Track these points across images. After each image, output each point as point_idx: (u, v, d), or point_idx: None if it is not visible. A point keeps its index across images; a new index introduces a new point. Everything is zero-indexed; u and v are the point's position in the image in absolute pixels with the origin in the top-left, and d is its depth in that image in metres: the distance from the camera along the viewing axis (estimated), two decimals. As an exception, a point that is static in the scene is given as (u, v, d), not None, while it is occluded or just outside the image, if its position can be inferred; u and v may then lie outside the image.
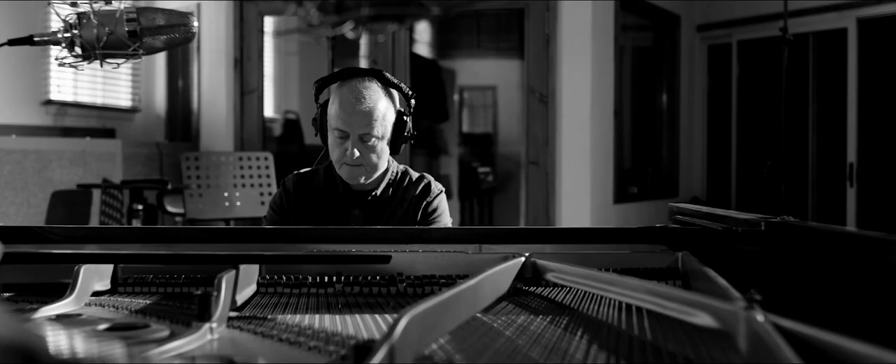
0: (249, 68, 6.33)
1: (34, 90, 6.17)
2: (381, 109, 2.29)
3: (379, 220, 2.40)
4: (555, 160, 5.82)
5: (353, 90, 2.28)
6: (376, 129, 2.28)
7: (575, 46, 5.78)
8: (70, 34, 1.31)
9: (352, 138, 2.28)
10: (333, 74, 2.38)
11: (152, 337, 1.11)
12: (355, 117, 2.26)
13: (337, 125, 2.30)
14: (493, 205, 8.65)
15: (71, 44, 1.33)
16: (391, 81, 2.36)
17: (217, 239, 1.83)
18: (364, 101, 2.26)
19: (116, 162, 5.35)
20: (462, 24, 8.64)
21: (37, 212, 4.77)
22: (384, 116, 2.30)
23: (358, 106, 2.26)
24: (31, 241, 1.84)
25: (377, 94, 2.30)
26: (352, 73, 2.34)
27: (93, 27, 1.30)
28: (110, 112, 6.95)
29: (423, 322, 0.96)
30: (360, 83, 2.30)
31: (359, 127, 2.27)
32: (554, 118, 5.81)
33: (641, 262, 1.65)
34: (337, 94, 2.32)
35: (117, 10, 1.32)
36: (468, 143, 9.41)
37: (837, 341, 0.79)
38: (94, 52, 1.32)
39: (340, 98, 2.29)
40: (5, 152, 4.60)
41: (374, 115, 2.27)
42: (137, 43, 1.34)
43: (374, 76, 2.34)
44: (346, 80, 2.33)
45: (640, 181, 7.04)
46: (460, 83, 9.32)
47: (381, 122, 2.29)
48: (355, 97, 2.27)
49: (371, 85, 2.30)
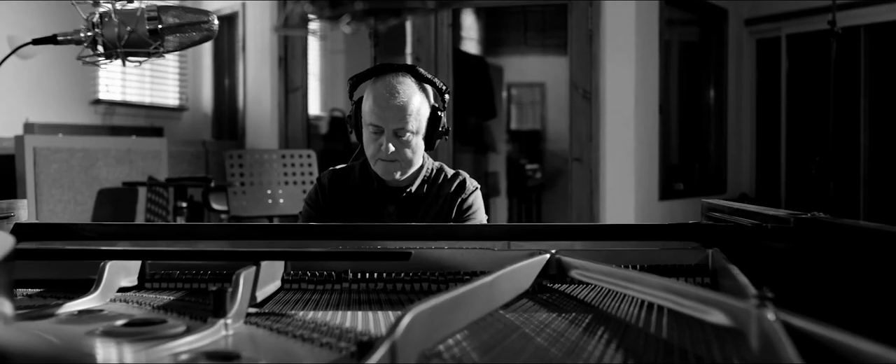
0: (293, 67, 6.37)
1: (83, 90, 6.29)
2: (416, 104, 2.28)
3: (413, 217, 2.40)
4: (599, 157, 5.78)
5: (388, 85, 2.28)
6: (411, 123, 2.28)
7: (618, 42, 5.72)
8: (92, 33, 1.32)
9: (386, 133, 2.28)
10: (367, 71, 2.38)
11: (167, 332, 1.11)
12: (389, 112, 2.26)
13: (371, 120, 2.30)
14: (541, 202, 8.62)
15: (93, 42, 1.34)
16: (425, 77, 2.35)
17: (243, 236, 1.85)
18: (398, 96, 2.26)
19: (162, 160, 5.42)
20: (509, 20, 8.61)
21: (83, 209, 4.86)
22: (418, 111, 2.29)
23: (392, 101, 2.25)
24: (65, 238, 1.87)
25: (411, 89, 2.29)
26: (386, 69, 2.34)
27: (114, 26, 1.32)
28: (158, 111, 7.05)
29: (430, 319, 0.95)
30: (394, 78, 2.29)
31: (393, 122, 2.27)
32: (598, 114, 5.76)
33: (671, 258, 1.62)
34: (371, 89, 2.32)
35: (138, 9, 1.33)
36: (516, 140, 9.38)
37: (849, 341, 0.76)
38: (115, 50, 1.33)
39: (375, 93, 2.29)
40: (52, 151, 4.69)
41: (408, 110, 2.27)
42: (159, 41, 1.35)
43: (408, 71, 2.33)
44: (381, 76, 2.33)
45: (687, 177, 6.96)
46: (508, 80, 9.30)
47: (415, 116, 2.29)
48: (389, 92, 2.26)
49: (405, 80, 2.30)
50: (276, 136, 6.45)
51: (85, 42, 1.35)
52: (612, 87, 5.75)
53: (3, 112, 5.55)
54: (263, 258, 1.38)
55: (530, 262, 1.42)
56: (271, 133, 6.48)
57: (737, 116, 7.38)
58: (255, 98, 6.66)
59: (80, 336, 1.11)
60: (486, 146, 7.71)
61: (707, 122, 7.31)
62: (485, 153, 7.65)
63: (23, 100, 5.72)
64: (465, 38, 8.00)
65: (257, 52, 6.59)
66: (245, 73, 6.74)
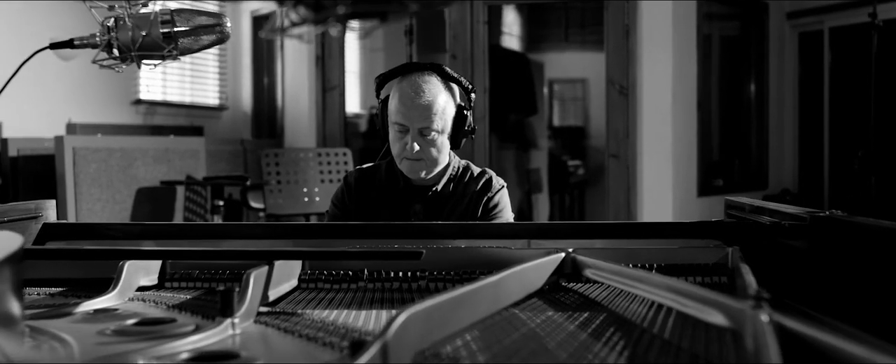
0: (331, 65, 6.41)
1: (124, 91, 6.38)
2: (441, 103, 2.28)
3: (439, 216, 2.39)
4: (636, 153, 5.74)
5: (413, 84, 2.28)
6: (436, 122, 2.28)
7: (655, 38, 5.67)
8: (107, 37, 1.35)
9: (411, 132, 2.28)
10: (394, 69, 2.38)
11: (176, 332, 1.13)
12: (414, 111, 2.26)
13: (397, 119, 2.30)
14: (584, 198, 8.57)
15: (108, 46, 1.36)
16: (451, 75, 2.34)
17: (265, 235, 1.86)
18: (423, 95, 2.26)
19: (200, 159, 5.49)
20: (550, 17, 8.59)
21: (122, 208, 4.93)
22: (444, 110, 2.29)
23: (417, 100, 2.26)
24: (91, 237, 1.90)
25: (437, 87, 2.29)
26: (411, 68, 2.34)
27: (128, 30, 1.34)
28: (198, 110, 7.14)
29: (427, 319, 0.95)
30: (420, 77, 2.29)
31: (418, 121, 2.27)
32: (635, 111, 5.72)
33: (690, 257, 1.61)
34: (397, 88, 2.33)
35: (152, 13, 1.35)
36: (558, 137, 9.34)
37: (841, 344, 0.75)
38: (129, 53, 1.35)
39: (400, 92, 2.30)
40: (91, 151, 4.77)
41: (433, 109, 2.26)
42: (172, 45, 1.37)
43: (433, 70, 2.33)
44: (406, 75, 2.33)
45: (727, 174, 6.88)
46: (550, 76, 9.26)
47: (440, 115, 2.28)
48: (415, 91, 2.27)
49: (430, 79, 2.30)
50: (314, 134, 6.49)
51: (100, 46, 1.37)
52: (649, 82, 5.70)
53: (47, 113, 5.66)
54: (276, 257, 1.39)
55: (543, 262, 1.42)
56: (309, 131, 6.53)
57: (779, 111, 7.27)
58: (293, 97, 6.71)
59: (90, 335, 1.13)
60: (527, 143, 7.68)
61: (748, 117, 7.22)
62: (526, 150, 7.62)
63: (65, 100, 5.82)
64: (507, 35, 7.98)
65: (295, 51, 6.64)
66: (283, 72, 6.79)
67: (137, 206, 4.96)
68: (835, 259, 1.33)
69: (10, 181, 4.76)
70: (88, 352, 1.04)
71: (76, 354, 1.04)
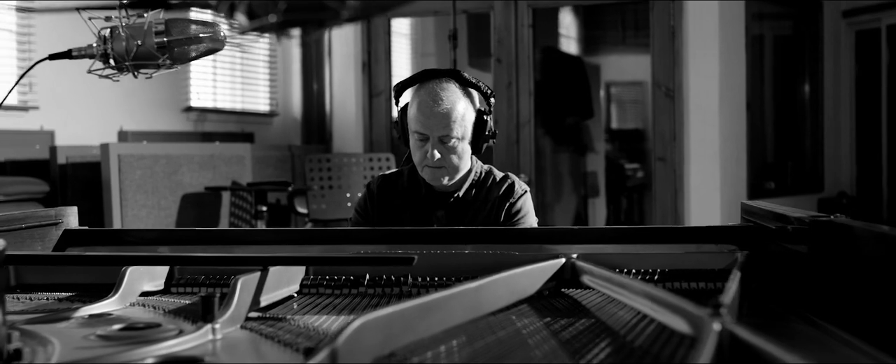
0: (377, 71, 6.45)
1: (175, 98, 6.50)
2: (460, 110, 2.28)
3: (462, 222, 2.39)
4: (683, 156, 5.66)
5: (431, 92, 2.28)
6: (455, 130, 2.27)
7: (702, 38, 5.60)
8: (103, 47, 1.38)
9: (432, 140, 2.28)
10: (411, 77, 2.39)
11: (157, 336, 1.14)
12: (433, 119, 2.26)
13: (416, 128, 2.30)
14: (643, 202, 8.49)
15: (105, 56, 1.39)
16: (469, 81, 2.34)
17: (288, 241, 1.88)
18: (442, 103, 2.26)
19: (246, 165, 5.56)
20: (607, 19, 8.54)
21: (167, 214, 5.03)
22: (463, 117, 2.29)
23: (436, 108, 2.25)
24: (111, 243, 1.95)
25: (455, 94, 2.28)
26: (429, 75, 2.35)
27: (122, 40, 1.37)
28: (249, 117, 7.24)
29: (387, 325, 0.96)
30: (438, 85, 2.29)
31: (437, 129, 2.27)
32: (681, 113, 5.65)
33: (696, 262, 1.59)
34: (415, 96, 2.33)
35: (146, 23, 1.37)
36: (617, 140, 9.27)
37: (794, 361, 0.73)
38: (124, 63, 1.38)
39: (419, 100, 2.30)
40: (136, 157, 4.87)
41: (452, 117, 2.26)
42: (166, 54, 1.39)
43: (451, 77, 2.33)
44: (424, 83, 2.33)
45: (780, 176, 6.75)
46: (607, 79, 9.20)
47: (459, 122, 2.28)
48: (433, 99, 2.26)
49: (448, 86, 2.29)
50: (361, 139, 6.53)
51: (97, 56, 1.40)
52: (695, 84, 5.62)
53: (99, 121, 5.79)
54: (270, 263, 1.40)
55: (537, 267, 1.40)
56: (356, 137, 6.58)
57: (834, 112, 7.12)
58: (340, 103, 6.77)
59: (76, 339, 1.16)
60: (583, 146, 7.64)
61: (802, 118, 7.08)
62: (583, 153, 7.58)
63: (117, 109, 5.95)
64: (564, 37, 7.96)
65: (342, 56, 6.70)
66: (331, 78, 6.85)
67: (182, 211, 5.05)
68: (834, 264, 1.30)
69: (59, 188, 4.89)
70: (67, 355, 1.07)
71: (55, 357, 1.06)
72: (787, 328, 1.26)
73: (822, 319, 1.25)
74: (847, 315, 1.23)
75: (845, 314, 1.24)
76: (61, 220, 1.91)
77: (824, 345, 1.17)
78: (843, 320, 1.22)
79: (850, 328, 1.17)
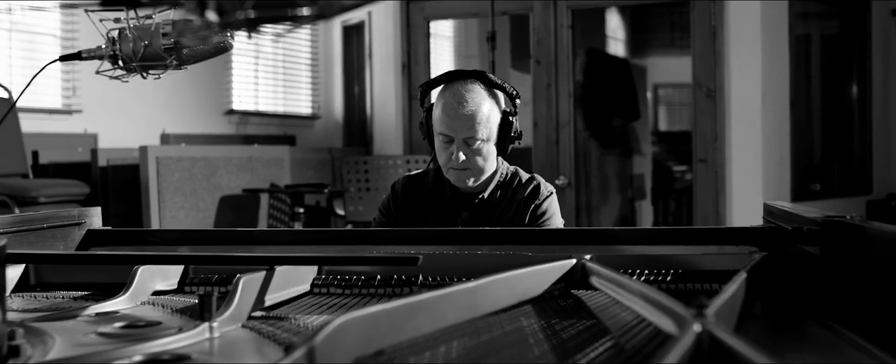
0: (416, 73, 6.45)
1: (218, 101, 6.58)
2: (485, 112, 2.27)
3: (487, 223, 2.38)
4: (724, 157, 5.58)
5: (456, 94, 2.27)
6: (480, 132, 2.27)
7: (743, 38, 5.52)
8: (112, 49, 1.39)
9: (456, 142, 2.28)
10: (437, 78, 2.39)
11: (156, 334, 1.15)
12: (458, 121, 2.26)
13: (441, 129, 2.30)
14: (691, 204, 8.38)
15: (113, 57, 1.41)
16: (495, 82, 2.33)
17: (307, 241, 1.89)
18: (466, 105, 2.25)
19: (284, 167, 5.61)
20: (654, 21, 8.47)
21: (205, 216, 5.08)
22: (488, 119, 2.28)
23: (461, 110, 2.25)
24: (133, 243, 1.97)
25: (480, 96, 2.28)
26: (455, 76, 2.34)
27: (130, 41, 1.38)
28: (291, 119, 7.29)
29: (372, 325, 0.95)
30: (463, 86, 2.29)
31: (462, 131, 2.26)
32: (722, 113, 5.57)
33: (714, 264, 1.57)
34: (441, 97, 2.33)
35: (153, 24, 1.39)
36: (665, 142, 9.19)
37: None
38: (131, 64, 1.40)
39: (443, 102, 2.30)
40: (174, 160, 4.94)
41: (477, 119, 2.26)
42: (173, 55, 1.40)
43: (477, 78, 2.32)
44: (449, 84, 2.33)
45: (827, 178, 6.62)
46: (655, 80, 9.13)
47: (484, 125, 2.27)
48: (458, 101, 2.26)
49: (473, 87, 2.29)
50: (401, 142, 6.55)
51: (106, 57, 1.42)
52: (737, 84, 5.54)
53: (143, 123, 5.89)
54: (276, 263, 1.41)
55: (543, 268, 1.39)
56: (396, 139, 6.59)
57: (884, 112, 6.96)
58: (381, 105, 6.79)
59: (78, 336, 1.17)
60: (630, 148, 7.59)
61: (850, 118, 6.94)
62: (629, 155, 7.53)
63: (160, 112, 6.04)
64: (611, 39, 7.91)
65: (382, 59, 6.72)
66: (372, 80, 6.88)
67: (220, 213, 5.10)
68: (847, 266, 1.27)
69: (100, 190, 4.97)
70: (63, 351, 1.08)
71: (51, 353, 1.07)
72: (800, 331, 1.23)
73: (835, 322, 1.22)
74: (859, 318, 1.20)
75: (858, 317, 1.21)
76: (84, 221, 1.93)
77: (836, 348, 1.14)
78: (855, 323, 1.19)
79: (861, 331, 1.14)
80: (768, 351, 0.73)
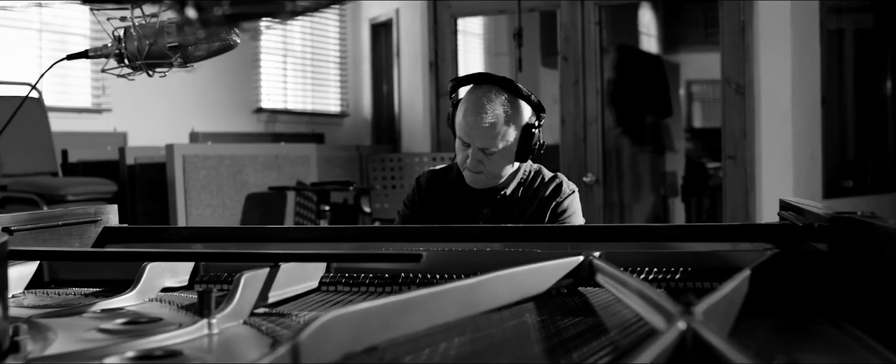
0: (444, 71, 6.45)
1: (247, 99, 6.62)
2: (503, 124, 2.29)
3: (507, 220, 2.40)
4: (754, 154, 5.52)
5: (477, 103, 2.28)
6: (497, 143, 2.29)
7: (773, 33, 5.45)
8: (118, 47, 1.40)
9: (473, 148, 2.30)
10: (466, 77, 2.39)
11: (155, 330, 1.15)
12: (476, 130, 2.28)
13: (460, 134, 2.33)
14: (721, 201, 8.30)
15: (119, 56, 1.42)
16: (520, 92, 2.33)
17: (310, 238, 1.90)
18: (486, 116, 2.26)
19: (311, 165, 5.63)
20: (688, 17, 8.40)
21: (232, 213, 5.12)
22: (506, 131, 2.30)
23: (480, 121, 2.26)
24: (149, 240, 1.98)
25: (501, 107, 2.29)
26: (483, 80, 2.35)
27: (135, 40, 1.39)
28: (320, 118, 7.32)
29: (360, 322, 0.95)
30: (486, 95, 2.29)
31: (479, 140, 2.29)
32: (752, 110, 5.51)
33: (725, 261, 1.55)
34: (464, 101, 2.34)
35: (158, 23, 1.40)
36: (698, 139, 9.11)
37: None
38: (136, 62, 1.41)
39: (466, 107, 2.30)
40: (200, 158, 4.97)
41: (495, 130, 2.27)
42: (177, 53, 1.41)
43: (503, 86, 2.32)
44: (475, 88, 2.33)
45: (860, 174, 6.53)
46: (689, 77, 9.06)
47: (502, 136, 2.29)
48: (477, 110, 2.27)
49: (497, 97, 2.29)
50: (429, 139, 6.55)
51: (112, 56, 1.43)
52: (766, 80, 5.48)
53: (172, 123, 5.94)
54: (281, 260, 1.41)
55: (546, 265, 1.38)
56: (424, 137, 6.59)
57: (919, 108, 6.85)
58: (408, 103, 6.79)
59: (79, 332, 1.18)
60: (663, 145, 7.54)
61: (884, 114, 6.84)
62: (662, 152, 7.48)
63: (189, 110, 6.09)
64: (644, 35, 7.86)
65: (410, 57, 6.72)
66: (399, 78, 6.88)
67: (247, 211, 5.14)
68: (854, 263, 1.24)
69: (128, 188, 5.03)
70: (62, 347, 1.09)
71: (50, 349, 1.08)
72: (808, 329, 1.21)
73: (843, 320, 1.20)
74: (867, 316, 1.18)
75: (865, 315, 1.19)
76: (100, 218, 1.95)
77: (844, 347, 1.12)
78: (863, 321, 1.17)
79: (869, 329, 1.12)
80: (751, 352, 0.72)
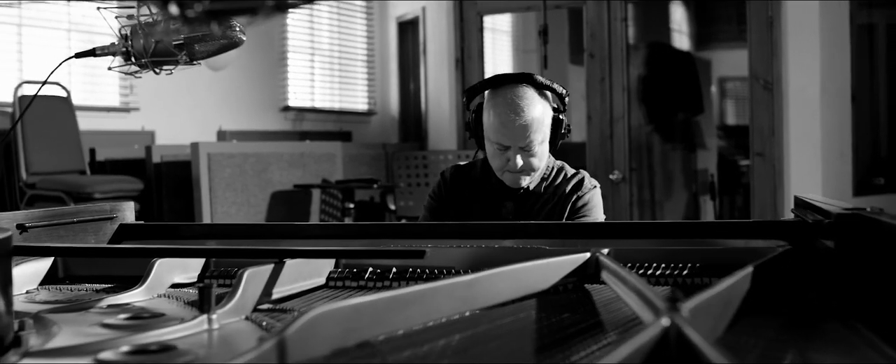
0: (470, 68, 6.45)
1: (274, 98, 6.65)
2: (539, 117, 2.29)
3: (530, 214, 2.42)
4: (782, 151, 5.46)
5: (510, 104, 2.27)
6: (537, 137, 2.30)
7: (801, 29, 5.39)
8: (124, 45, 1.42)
9: (513, 149, 2.30)
10: (485, 82, 2.39)
11: (157, 325, 1.16)
12: (515, 132, 2.28)
13: (496, 139, 2.32)
14: (749, 198, 8.23)
15: (126, 54, 1.44)
16: (544, 84, 2.33)
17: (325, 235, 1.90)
18: (523, 115, 2.26)
19: (337, 163, 5.65)
20: (719, 14, 8.34)
21: (257, 211, 5.15)
22: (542, 123, 2.30)
23: (517, 120, 2.26)
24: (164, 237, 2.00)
25: (533, 101, 2.29)
26: (504, 80, 2.34)
27: (141, 38, 1.40)
28: (347, 116, 7.35)
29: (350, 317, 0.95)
30: (515, 93, 2.28)
31: (520, 140, 2.29)
32: (780, 106, 5.45)
33: (735, 258, 1.53)
34: (491, 103, 2.33)
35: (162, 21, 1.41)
36: (731, 136, 9.04)
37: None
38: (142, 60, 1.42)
39: (497, 110, 2.30)
40: (225, 156, 5.01)
41: (533, 126, 2.28)
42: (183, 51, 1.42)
43: (526, 81, 2.32)
44: (500, 90, 2.32)
45: (892, 171, 6.44)
46: (721, 74, 9.00)
47: (539, 129, 2.30)
48: (512, 111, 2.26)
49: (526, 93, 2.29)
50: (455, 137, 6.55)
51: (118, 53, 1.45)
52: (795, 76, 5.42)
53: (200, 120, 5.99)
54: (286, 256, 1.42)
55: (551, 262, 1.37)
56: (451, 134, 6.59)
57: (953, 104, 6.74)
58: (435, 100, 6.80)
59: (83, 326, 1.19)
60: (694, 143, 7.49)
61: (917, 111, 6.74)
62: (693, 150, 7.43)
63: (216, 109, 6.14)
64: (676, 32, 7.82)
65: (436, 54, 6.73)
66: (426, 76, 6.89)
67: (272, 208, 5.17)
68: (860, 260, 1.23)
69: (154, 186, 5.08)
70: (64, 341, 1.10)
71: (51, 343, 1.09)
72: (815, 327, 1.20)
73: (850, 318, 1.18)
74: (873, 314, 1.16)
75: (871, 313, 1.17)
76: (116, 215, 1.97)
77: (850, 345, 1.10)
78: (869, 319, 1.15)
79: (875, 328, 1.11)
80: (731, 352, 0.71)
